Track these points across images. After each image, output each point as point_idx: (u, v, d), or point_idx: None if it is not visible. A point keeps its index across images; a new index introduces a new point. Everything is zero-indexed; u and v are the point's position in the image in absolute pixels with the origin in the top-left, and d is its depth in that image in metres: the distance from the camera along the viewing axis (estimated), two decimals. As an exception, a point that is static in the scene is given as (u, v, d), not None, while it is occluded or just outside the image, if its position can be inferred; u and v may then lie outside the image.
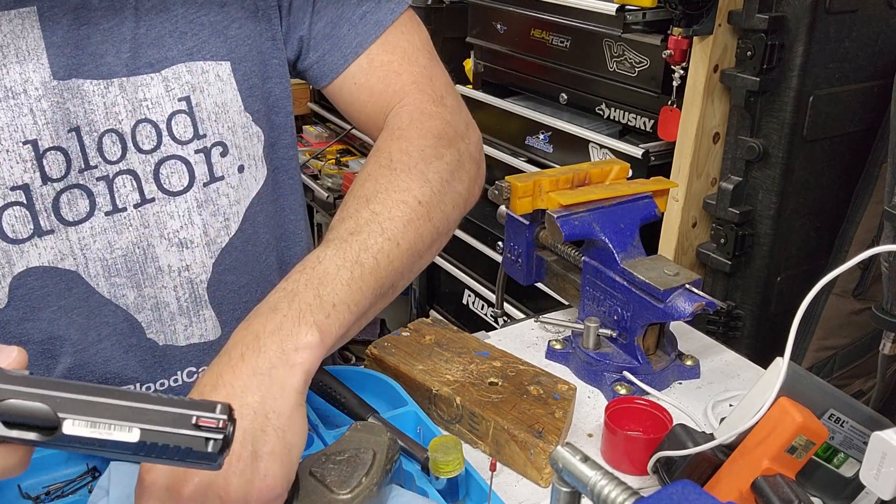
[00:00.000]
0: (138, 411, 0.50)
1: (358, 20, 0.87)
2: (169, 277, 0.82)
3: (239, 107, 0.83)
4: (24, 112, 0.73)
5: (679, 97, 1.56)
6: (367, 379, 0.86)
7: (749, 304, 1.60)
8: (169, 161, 0.79)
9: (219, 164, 0.82)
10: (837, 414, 0.72)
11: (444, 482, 0.72)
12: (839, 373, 1.68)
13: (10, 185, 0.73)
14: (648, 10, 1.56)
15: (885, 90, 1.39)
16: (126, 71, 0.77)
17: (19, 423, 0.48)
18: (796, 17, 1.41)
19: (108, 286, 0.80)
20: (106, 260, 0.79)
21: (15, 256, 0.75)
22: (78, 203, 0.77)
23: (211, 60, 0.81)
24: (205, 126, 0.81)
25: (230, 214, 0.84)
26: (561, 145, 1.87)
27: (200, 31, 0.80)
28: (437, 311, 2.45)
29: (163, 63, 0.78)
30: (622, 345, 0.97)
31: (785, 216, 1.54)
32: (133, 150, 0.78)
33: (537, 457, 0.79)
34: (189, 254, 0.82)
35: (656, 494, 0.55)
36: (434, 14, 2.31)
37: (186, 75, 0.79)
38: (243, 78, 0.83)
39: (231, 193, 0.84)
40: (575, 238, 0.98)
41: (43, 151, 0.74)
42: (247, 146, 0.84)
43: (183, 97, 0.79)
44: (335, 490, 0.66)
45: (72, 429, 0.49)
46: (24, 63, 0.72)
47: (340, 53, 0.87)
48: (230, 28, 0.82)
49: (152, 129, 0.78)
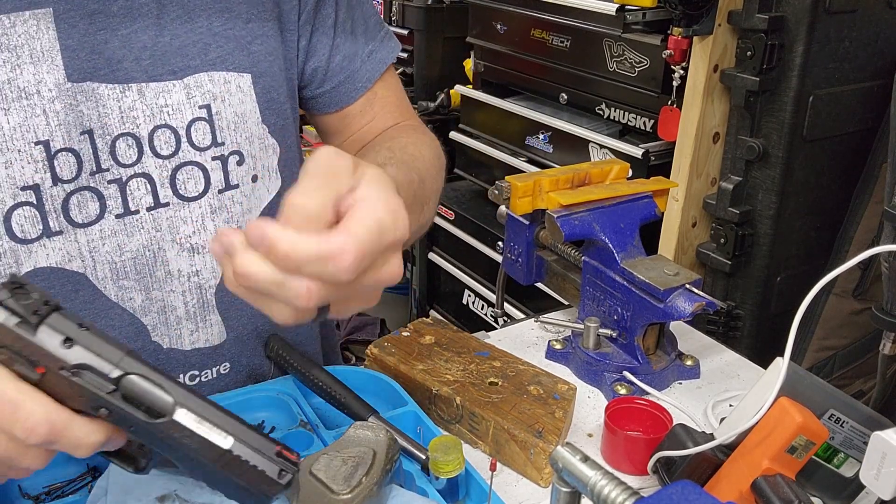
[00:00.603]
0: (236, 426, 0.55)
1: (367, 57, 0.95)
2: (178, 282, 0.82)
3: (257, 118, 0.84)
4: (37, 113, 0.73)
5: (679, 97, 1.56)
6: (367, 379, 0.86)
7: (749, 304, 1.60)
8: (186, 167, 0.80)
9: (234, 173, 0.83)
10: (837, 414, 0.72)
11: (444, 482, 0.72)
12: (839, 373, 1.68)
13: (21, 185, 0.73)
14: (648, 10, 1.56)
15: (885, 90, 1.39)
16: (146, 77, 0.77)
17: (134, 401, 0.53)
18: (796, 17, 1.41)
19: (115, 289, 0.80)
20: (115, 263, 0.79)
21: (23, 256, 0.75)
22: (88, 205, 0.77)
23: (233, 72, 0.82)
24: (223, 135, 0.82)
25: (242, 222, 0.85)
26: (561, 145, 1.87)
27: (225, 43, 0.81)
28: (437, 311, 2.45)
29: (185, 71, 0.79)
30: (622, 345, 0.97)
31: (785, 216, 1.54)
32: (149, 154, 0.79)
33: (537, 457, 0.79)
34: (200, 259, 0.83)
35: (656, 494, 0.55)
36: (434, 14, 2.31)
37: (208, 84, 0.80)
38: (263, 91, 0.85)
39: (244, 202, 0.85)
40: (575, 238, 0.99)
41: (54, 152, 0.74)
42: (262, 157, 0.86)
43: (204, 105, 0.80)
44: (335, 490, 0.66)
45: (182, 417, 0.53)
46: (38, 64, 0.73)
47: (353, 86, 0.95)
48: (253, 43, 0.84)
49: (171, 135, 0.79)
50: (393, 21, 2.42)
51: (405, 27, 2.37)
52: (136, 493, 0.69)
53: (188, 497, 0.70)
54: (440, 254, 2.36)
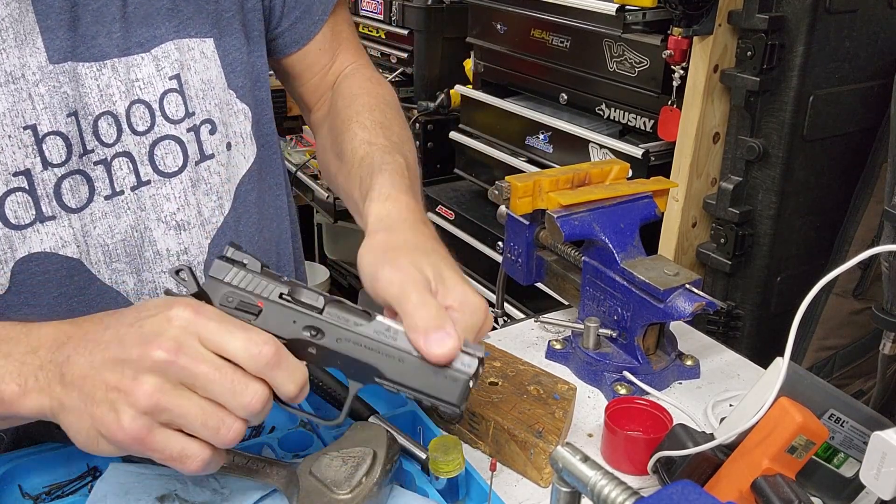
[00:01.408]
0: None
1: None
2: (167, 262, 0.82)
3: (223, 84, 0.83)
4: (24, 97, 0.72)
5: (679, 97, 1.56)
6: (367, 379, 0.86)
7: (749, 304, 1.60)
8: (163, 141, 0.80)
9: (208, 142, 0.82)
10: (837, 414, 0.72)
11: (444, 482, 0.72)
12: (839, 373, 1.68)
13: (13, 170, 0.73)
14: (648, 10, 1.56)
15: (885, 90, 1.39)
16: (118, 52, 0.77)
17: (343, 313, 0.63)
18: (796, 17, 1.41)
19: (109, 273, 0.79)
20: (107, 245, 0.79)
21: (17, 242, 0.75)
22: (79, 189, 0.76)
23: (196, 38, 0.81)
24: (193, 104, 0.81)
25: (222, 193, 0.84)
26: (561, 145, 1.87)
27: (185, 6, 0.80)
28: (437, 311, 2.45)
29: (152, 42, 0.78)
30: (622, 345, 0.97)
31: (785, 216, 1.54)
32: (128, 132, 0.78)
33: (537, 457, 0.79)
34: (186, 236, 0.82)
35: (656, 494, 0.55)
36: (434, 14, 2.30)
37: (175, 53, 0.79)
38: (225, 53, 0.83)
39: (222, 171, 0.84)
40: (575, 238, 0.98)
41: (42, 136, 0.74)
42: (232, 123, 0.85)
43: (173, 75, 0.79)
44: (335, 490, 0.66)
45: (382, 319, 0.63)
46: (21, 47, 0.72)
47: (310, 20, 0.93)
48: (209, 3, 0.82)
49: (146, 110, 0.78)
50: (393, 21, 2.42)
51: (405, 27, 2.37)
52: (136, 493, 0.69)
53: (188, 497, 0.70)
54: (440, 254, 2.35)
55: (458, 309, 0.65)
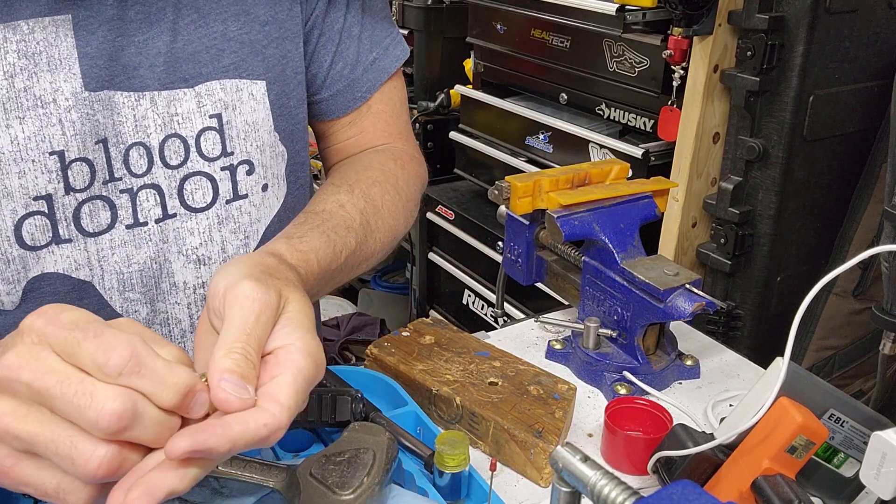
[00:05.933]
0: None
1: (370, 65, 0.92)
2: (183, 294, 0.81)
3: (270, 126, 0.83)
4: (53, 122, 0.72)
5: (679, 97, 1.56)
6: (367, 379, 0.86)
7: (749, 304, 1.60)
8: (194, 177, 0.79)
9: (243, 182, 0.82)
10: (837, 414, 0.72)
11: (447, 477, 0.72)
12: (839, 373, 1.68)
13: (34, 195, 0.72)
14: (648, 10, 1.56)
15: (885, 90, 1.39)
16: (159, 84, 0.76)
17: None
18: (796, 17, 1.41)
19: (121, 300, 0.79)
20: (122, 273, 0.78)
21: (31, 261, 0.74)
22: (99, 214, 0.76)
23: (246, 79, 0.80)
24: (233, 144, 0.80)
25: (250, 232, 0.84)
26: (561, 145, 1.87)
27: (239, 48, 0.80)
28: (437, 311, 2.45)
29: (197, 79, 0.78)
30: (622, 345, 0.97)
31: (785, 216, 1.54)
32: (159, 165, 0.77)
33: (537, 457, 0.79)
34: (206, 270, 0.82)
35: (656, 494, 0.55)
36: (434, 14, 2.30)
37: (220, 92, 0.79)
38: (276, 98, 0.83)
39: (253, 211, 0.84)
40: (575, 238, 0.98)
41: (69, 162, 0.73)
42: (272, 165, 0.85)
43: (214, 114, 0.79)
44: (337, 491, 0.66)
45: None
46: (55, 72, 0.71)
47: (352, 95, 0.92)
48: (269, 47, 0.82)
49: (181, 144, 0.78)
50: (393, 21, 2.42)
51: (405, 27, 2.37)
52: (137, 493, 0.69)
53: (188, 497, 0.69)
54: (440, 254, 2.35)
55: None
